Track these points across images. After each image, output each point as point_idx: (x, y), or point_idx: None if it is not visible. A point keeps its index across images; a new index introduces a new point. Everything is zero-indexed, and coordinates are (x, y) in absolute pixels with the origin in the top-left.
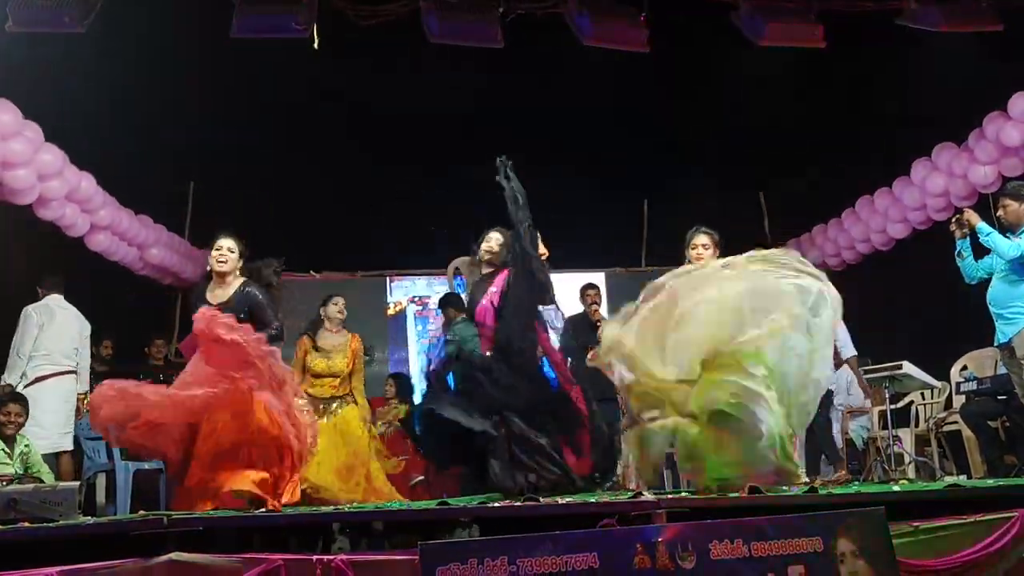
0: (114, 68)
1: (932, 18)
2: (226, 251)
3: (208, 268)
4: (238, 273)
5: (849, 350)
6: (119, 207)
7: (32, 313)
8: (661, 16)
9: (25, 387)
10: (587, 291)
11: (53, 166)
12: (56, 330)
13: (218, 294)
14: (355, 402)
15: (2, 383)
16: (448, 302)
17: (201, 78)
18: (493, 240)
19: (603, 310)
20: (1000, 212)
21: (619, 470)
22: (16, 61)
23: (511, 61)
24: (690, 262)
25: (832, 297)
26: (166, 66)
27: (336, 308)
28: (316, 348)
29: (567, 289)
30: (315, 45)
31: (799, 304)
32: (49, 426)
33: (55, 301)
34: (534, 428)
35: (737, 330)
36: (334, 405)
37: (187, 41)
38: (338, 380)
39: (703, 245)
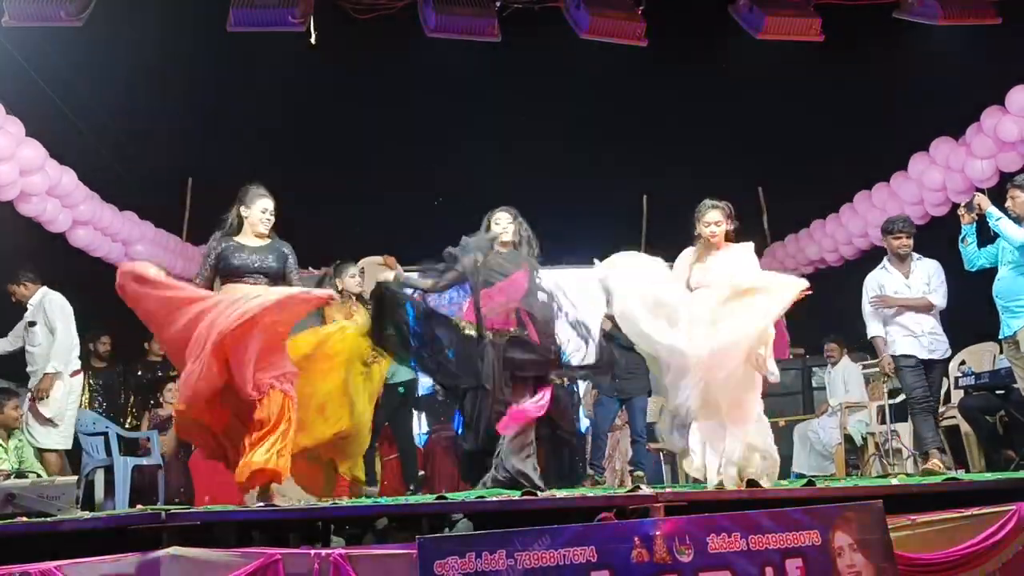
0: (108, 63)
1: (930, 12)
2: (270, 213)
3: (235, 222)
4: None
5: (938, 297)
6: (102, 203)
7: (59, 300)
8: (659, 9)
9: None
10: None
11: (34, 161)
12: (73, 324)
13: (254, 241)
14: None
15: (49, 371)
16: None
17: (198, 72)
18: (504, 221)
19: (601, 304)
20: (1008, 203)
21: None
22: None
23: (508, 55)
24: (700, 236)
25: None
26: (163, 60)
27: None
28: None
29: (567, 284)
30: (312, 40)
31: None
32: (71, 420)
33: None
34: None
35: None
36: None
37: (183, 35)
38: None
39: (716, 222)
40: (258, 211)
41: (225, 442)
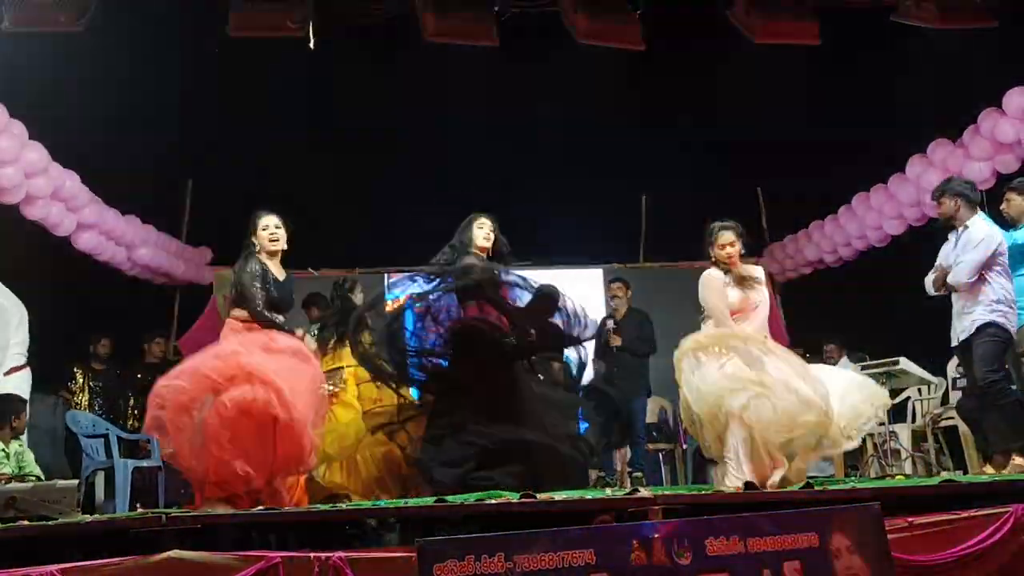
0: (111, 67)
1: (927, 15)
2: (273, 228)
3: (258, 249)
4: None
5: (960, 275)
6: (105, 206)
7: (2, 301)
8: (656, 13)
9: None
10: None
11: (38, 164)
12: (22, 319)
13: (277, 269)
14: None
15: None
16: (312, 302)
17: (199, 77)
18: (487, 227)
19: (599, 305)
20: (1004, 206)
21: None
22: (5, 60)
23: (507, 59)
24: (715, 259)
25: None
26: (163, 65)
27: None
28: None
29: (563, 284)
30: (311, 44)
31: None
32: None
33: (3, 289)
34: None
35: None
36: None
37: (185, 40)
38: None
39: (731, 243)
40: (260, 230)
41: None
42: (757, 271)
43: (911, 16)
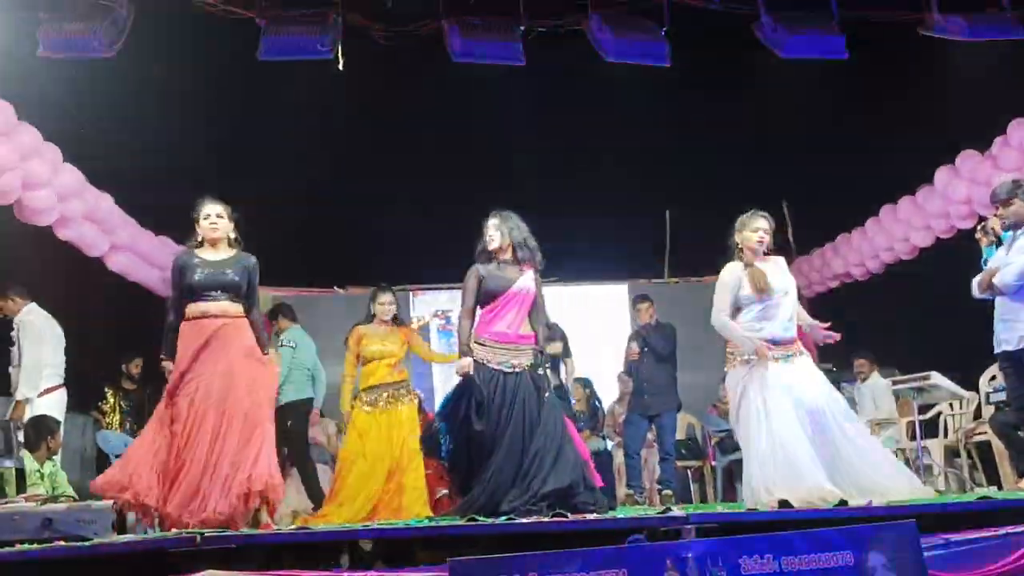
0: (142, 91)
1: (955, 28)
2: (215, 217)
3: (200, 238)
4: (229, 243)
5: (1007, 276)
6: (139, 228)
7: (35, 321)
8: (683, 30)
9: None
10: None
11: (72, 187)
12: (57, 340)
13: (214, 254)
14: (412, 396)
15: (19, 398)
16: (280, 312)
17: (228, 100)
18: (491, 229)
19: (624, 321)
20: None
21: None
22: (41, 85)
23: (534, 78)
24: (741, 248)
25: None
26: (194, 89)
27: (383, 307)
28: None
29: (589, 301)
30: (340, 66)
31: None
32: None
33: (39, 310)
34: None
35: None
36: (386, 395)
37: (215, 64)
38: (393, 362)
39: (764, 230)
40: (202, 219)
41: None
42: (778, 262)
43: (938, 29)
